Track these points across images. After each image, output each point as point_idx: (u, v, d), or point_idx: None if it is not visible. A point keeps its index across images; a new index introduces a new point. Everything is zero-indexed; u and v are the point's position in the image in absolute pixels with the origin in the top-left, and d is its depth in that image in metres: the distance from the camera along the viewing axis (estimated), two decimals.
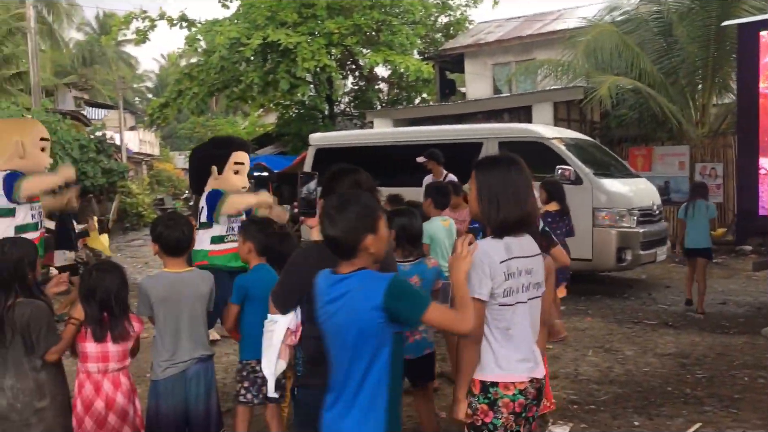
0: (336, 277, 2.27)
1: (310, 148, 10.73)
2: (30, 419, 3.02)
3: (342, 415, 2.24)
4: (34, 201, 5.37)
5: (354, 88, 22.61)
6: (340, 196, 2.32)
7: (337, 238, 2.23)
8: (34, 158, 5.34)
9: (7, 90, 23.75)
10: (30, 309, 3.04)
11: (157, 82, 49.23)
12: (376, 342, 2.19)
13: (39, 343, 3.02)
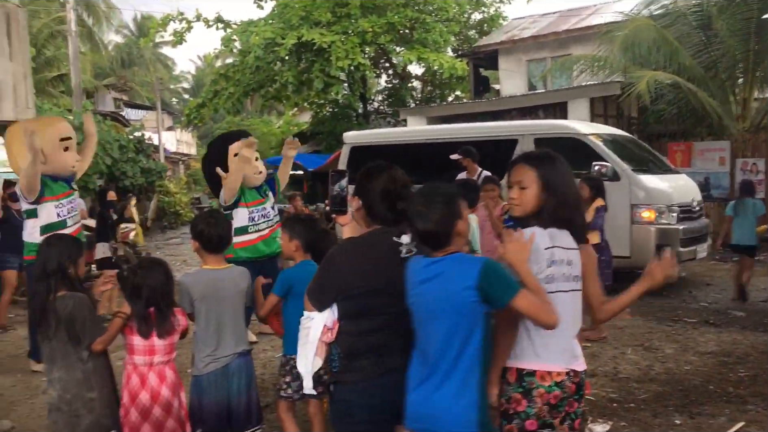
0: (429, 260, 2.35)
1: (345, 146, 10.78)
2: (80, 410, 3.09)
3: (435, 390, 2.29)
4: (61, 198, 5.43)
5: (387, 86, 22.64)
6: (424, 192, 2.38)
7: (432, 231, 2.32)
8: (56, 161, 5.36)
9: (49, 92, 24.31)
10: (72, 301, 3.13)
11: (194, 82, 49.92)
12: (470, 321, 2.28)
13: (84, 334, 3.11)
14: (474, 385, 2.30)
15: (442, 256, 2.34)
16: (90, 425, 3.11)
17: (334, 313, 2.56)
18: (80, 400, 3.11)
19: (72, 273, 3.23)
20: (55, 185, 5.46)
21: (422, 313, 2.35)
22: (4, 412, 4.91)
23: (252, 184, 5.88)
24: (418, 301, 2.36)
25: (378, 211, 2.56)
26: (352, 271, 2.50)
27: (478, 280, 2.24)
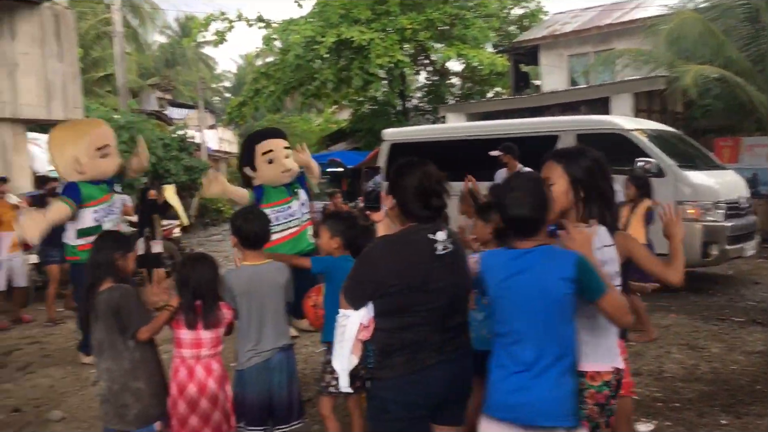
0: (516, 252, 2.37)
1: (384, 143, 10.79)
2: (127, 400, 3.17)
3: (532, 381, 2.30)
4: (99, 203, 5.52)
5: (427, 83, 22.59)
6: (518, 177, 2.41)
7: (528, 217, 2.34)
8: (93, 169, 5.40)
9: (96, 92, 24.89)
10: (119, 292, 3.22)
11: (235, 81, 50.49)
12: (566, 313, 2.31)
13: (130, 323, 3.18)
14: (570, 375, 2.33)
15: (531, 248, 2.35)
16: (137, 415, 3.18)
17: (369, 311, 2.56)
18: (128, 390, 3.18)
19: (121, 266, 3.32)
20: (94, 189, 5.53)
21: (512, 306, 2.36)
22: (56, 402, 5.07)
23: (279, 182, 5.82)
24: (506, 293, 2.37)
25: (412, 208, 2.56)
26: (388, 269, 2.51)
27: (575, 273, 2.27)
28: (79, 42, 19.48)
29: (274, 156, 5.62)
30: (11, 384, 5.58)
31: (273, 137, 5.86)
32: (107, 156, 5.47)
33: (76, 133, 5.58)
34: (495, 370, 2.39)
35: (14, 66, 10.19)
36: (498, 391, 2.36)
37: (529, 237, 2.38)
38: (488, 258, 2.47)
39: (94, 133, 5.58)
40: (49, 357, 6.40)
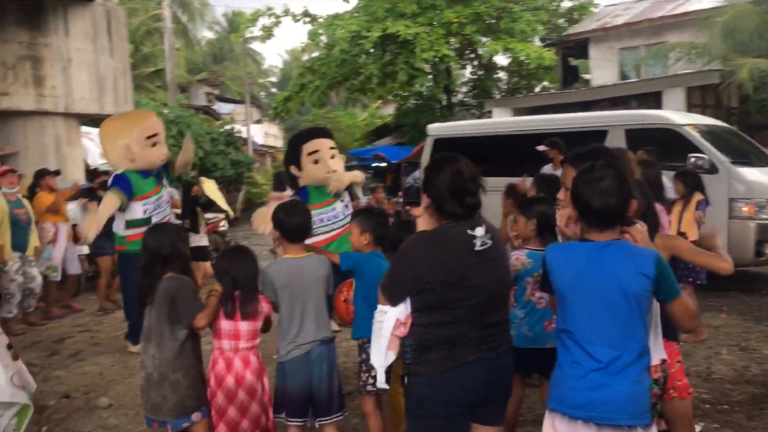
0: (594, 245, 2.32)
1: (428, 138, 10.73)
2: (165, 391, 3.21)
3: (612, 378, 2.25)
4: (148, 196, 5.62)
5: (473, 77, 22.40)
6: (605, 167, 2.34)
7: (613, 206, 2.28)
8: (144, 158, 5.53)
9: (146, 87, 25.43)
10: (177, 282, 3.28)
11: (281, 76, 51.00)
12: (644, 310, 2.27)
13: (185, 312, 3.23)
14: (647, 371, 2.30)
15: (607, 242, 2.30)
16: (174, 406, 3.21)
17: (407, 307, 2.54)
18: (166, 381, 3.22)
19: (184, 256, 3.41)
20: (143, 183, 5.63)
21: (588, 301, 2.30)
22: (103, 390, 5.19)
23: (324, 183, 5.76)
24: (582, 289, 2.31)
25: (446, 206, 2.52)
26: (425, 265, 2.47)
27: (655, 271, 2.23)
28: (130, 38, 19.92)
29: (320, 156, 5.59)
30: (62, 371, 5.73)
31: (319, 137, 5.84)
32: (156, 145, 5.61)
33: (128, 123, 5.75)
34: (568, 367, 2.33)
35: (68, 62, 10.46)
36: (574, 388, 2.29)
37: (607, 229, 2.32)
38: (557, 252, 2.41)
39: (144, 122, 5.72)
40: (98, 345, 6.57)
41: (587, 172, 2.35)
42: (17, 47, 9.79)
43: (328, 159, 5.62)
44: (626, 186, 2.31)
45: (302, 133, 6.25)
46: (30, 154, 10.17)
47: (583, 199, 2.32)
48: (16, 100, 9.84)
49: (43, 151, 10.34)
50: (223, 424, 3.27)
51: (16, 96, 9.82)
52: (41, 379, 5.47)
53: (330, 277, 3.57)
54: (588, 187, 2.30)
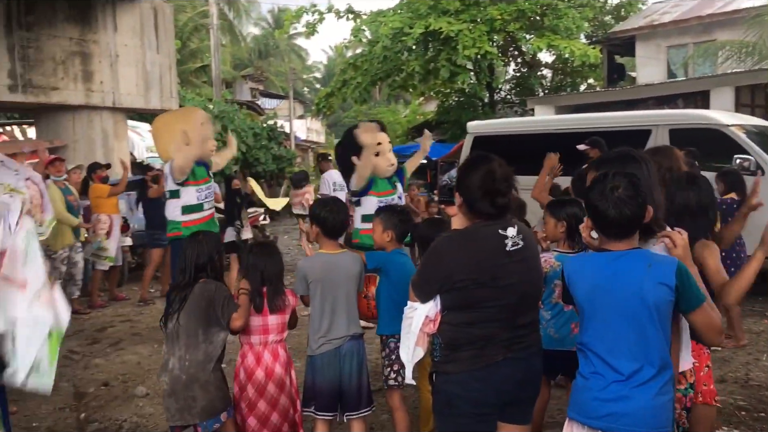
0: (610, 255, 2.28)
1: (468, 136, 10.67)
2: (195, 392, 3.18)
3: (634, 389, 2.22)
4: (202, 183, 5.82)
5: (516, 74, 22.18)
6: (613, 175, 2.28)
7: (630, 216, 2.23)
8: (198, 143, 5.84)
9: (193, 82, 25.88)
10: (214, 286, 3.29)
11: (325, 72, 51.32)
12: (665, 320, 2.22)
13: (223, 312, 3.24)
14: (670, 383, 2.25)
15: (626, 250, 2.26)
16: (204, 407, 3.19)
17: (437, 305, 2.55)
18: (197, 382, 3.19)
19: (219, 266, 3.40)
20: (198, 170, 5.87)
21: (607, 312, 2.26)
22: (141, 379, 5.32)
23: (383, 175, 5.87)
24: (600, 299, 2.28)
25: (478, 206, 2.52)
26: (455, 263, 2.48)
27: (675, 279, 2.17)
28: (178, 34, 20.30)
29: (381, 149, 5.71)
30: (102, 359, 5.90)
31: (381, 131, 5.96)
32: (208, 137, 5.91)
33: (184, 113, 6.33)
34: (589, 377, 2.30)
35: (115, 57, 10.72)
36: (595, 399, 2.26)
37: (624, 239, 2.27)
38: (575, 263, 2.38)
39: (199, 113, 6.12)
40: (138, 335, 6.73)
41: (600, 180, 2.29)
42: (67, 43, 10.07)
43: (388, 152, 5.73)
44: (641, 194, 2.23)
45: None
46: (78, 147, 10.48)
47: (597, 209, 2.26)
48: (66, 94, 10.13)
49: (91, 145, 10.63)
50: (254, 417, 3.32)
51: (65, 91, 10.11)
52: (82, 367, 5.65)
53: (362, 275, 3.61)
54: (601, 197, 2.25)
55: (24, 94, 9.63)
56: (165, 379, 3.26)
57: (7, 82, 9.39)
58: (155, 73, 11.42)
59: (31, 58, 9.64)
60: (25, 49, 9.54)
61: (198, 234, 3.54)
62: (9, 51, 9.37)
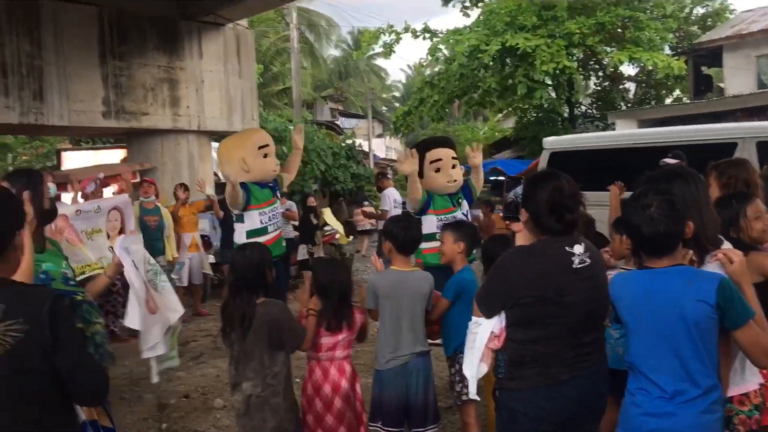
0: (649, 272, 2.28)
1: (544, 152, 10.52)
2: (265, 414, 3.23)
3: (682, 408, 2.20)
4: (265, 206, 5.90)
5: (597, 88, 21.74)
6: (653, 194, 2.28)
7: (665, 234, 2.22)
8: (257, 169, 5.81)
9: (275, 104, 26.67)
10: (276, 308, 3.29)
11: (404, 91, 51.76)
12: (711, 338, 2.19)
13: (289, 339, 3.26)
14: (719, 403, 2.22)
15: (665, 267, 2.24)
16: (273, 429, 3.23)
17: (501, 321, 2.56)
18: (267, 405, 3.22)
19: (268, 279, 3.37)
20: (260, 193, 5.91)
21: (648, 331, 2.25)
22: (219, 392, 5.51)
23: (445, 192, 5.78)
24: (640, 318, 2.27)
25: (545, 222, 2.52)
26: (521, 279, 2.48)
27: (716, 297, 2.13)
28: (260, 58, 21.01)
29: (442, 165, 5.64)
30: (184, 372, 6.13)
31: (442, 146, 5.92)
32: (268, 156, 5.92)
33: (242, 139, 6.19)
34: (636, 393, 2.28)
35: (200, 83, 11.20)
36: (641, 415, 2.25)
37: (663, 256, 2.24)
38: (619, 280, 2.37)
39: (255, 136, 6.11)
40: (218, 349, 6.95)
41: (636, 198, 2.29)
42: (156, 71, 10.62)
43: (449, 168, 5.66)
44: (676, 212, 2.20)
45: (425, 141, 6.30)
46: (166, 169, 10.98)
47: (632, 226, 2.27)
48: (155, 119, 10.66)
49: (178, 166, 11.12)
50: (321, 430, 3.39)
51: (154, 116, 10.64)
52: (165, 379, 5.87)
53: (431, 294, 3.64)
54: (635, 214, 2.25)
55: (117, 120, 10.19)
56: (238, 398, 3.29)
57: (102, 109, 9.98)
58: (238, 96, 11.86)
59: (123, 86, 10.21)
60: (117, 77, 10.13)
61: (246, 247, 3.53)
62: (103, 80, 9.96)
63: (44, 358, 1.87)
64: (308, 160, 16.89)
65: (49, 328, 1.87)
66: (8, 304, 1.84)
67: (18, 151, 24.23)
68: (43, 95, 9.28)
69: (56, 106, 9.42)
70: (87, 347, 2.06)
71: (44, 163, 20.09)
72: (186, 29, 10.97)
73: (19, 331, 1.81)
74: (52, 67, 9.34)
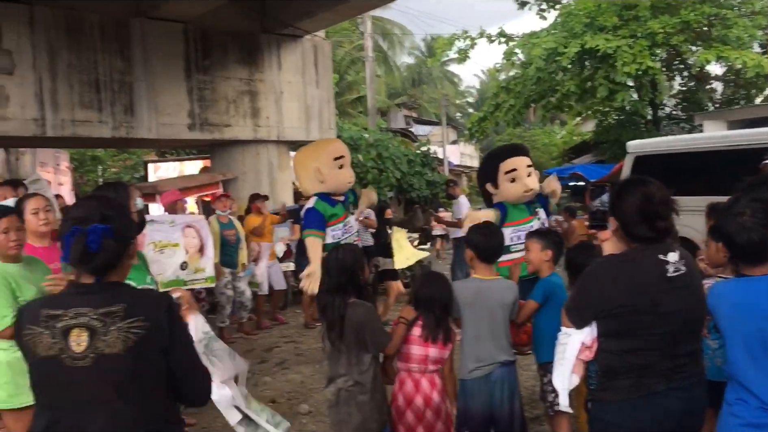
0: (746, 281, 2.21)
1: (628, 156, 10.22)
2: (351, 410, 3.32)
3: None
4: (336, 223, 5.89)
5: (682, 89, 20.96)
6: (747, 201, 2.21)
7: (759, 242, 2.15)
8: (332, 179, 5.75)
9: (349, 113, 27.01)
10: (363, 309, 3.36)
11: (478, 96, 51.44)
12: None
13: (373, 340, 3.32)
14: None
15: (762, 275, 2.16)
16: (357, 425, 3.30)
17: (592, 331, 2.49)
18: (353, 400, 3.31)
19: (360, 280, 3.46)
20: (331, 210, 5.86)
21: (745, 340, 2.16)
22: (304, 397, 5.59)
23: (520, 201, 5.62)
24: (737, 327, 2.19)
25: (636, 230, 2.44)
26: (614, 289, 2.41)
27: None
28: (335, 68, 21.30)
29: (517, 175, 5.50)
30: (270, 377, 6.25)
31: (517, 155, 5.78)
32: (343, 167, 5.87)
33: (317, 149, 6.17)
34: (734, 403, 2.20)
35: (279, 94, 11.46)
36: (738, 424, 2.17)
37: (759, 264, 2.15)
38: (717, 290, 2.29)
39: (331, 146, 6.06)
40: (301, 356, 7.07)
41: (730, 206, 2.21)
42: (238, 83, 10.93)
43: (525, 177, 5.52)
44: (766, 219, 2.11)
45: (499, 150, 6.17)
46: (247, 179, 11.27)
47: (725, 235, 2.20)
48: (237, 130, 10.97)
49: (258, 176, 11.40)
50: None
51: (236, 127, 10.95)
52: (252, 384, 6.01)
53: (516, 303, 3.59)
54: (728, 222, 2.19)
55: (201, 132, 10.54)
56: (331, 389, 3.43)
57: (187, 121, 10.34)
58: (315, 106, 12.06)
59: (206, 99, 10.56)
60: (201, 90, 10.48)
61: (338, 249, 3.60)
62: (188, 93, 10.33)
63: (162, 357, 1.95)
64: (383, 168, 17.02)
65: (168, 328, 1.95)
66: (128, 304, 1.92)
67: (107, 163, 25.39)
68: (133, 110, 9.70)
69: (145, 119, 9.83)
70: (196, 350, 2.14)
71: (132, 175, 21.00)
72: (266, 42, 11.25)
73: (141, 328, 1.89)
74: (142, 82, 9.75)
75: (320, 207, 5.68)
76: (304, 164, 5.95)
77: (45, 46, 8.87)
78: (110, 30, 9.46)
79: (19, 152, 17.42)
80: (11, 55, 8.60)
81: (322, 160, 5.77)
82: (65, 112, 9.05)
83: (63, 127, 9.04)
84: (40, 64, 8.82)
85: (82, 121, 9.23)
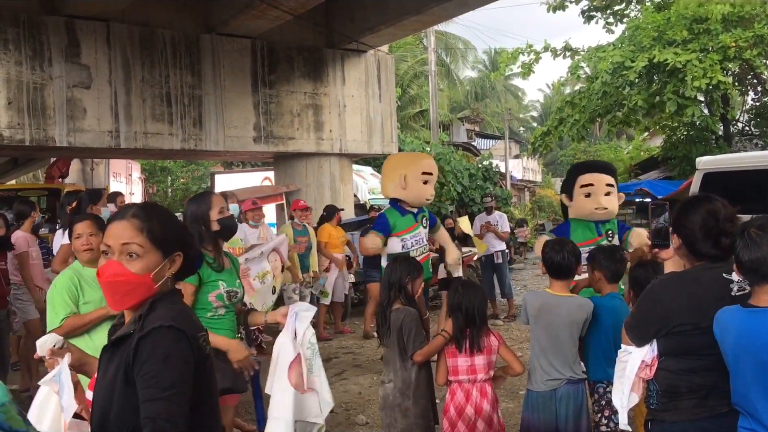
0: (752, 310, 2.15)
1: (697, 172, 9.92)
2: (396, 415, 3.44)
3: None
4: (405, 233, 5.99)
5: (755, 104, 20.24)
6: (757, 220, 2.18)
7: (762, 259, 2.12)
8: (414, 190, 5.98)
9: (412, 126, 27.11)
10: (404, 314, 3.52)
11: (542, 111, 50.87)
12: None
13: (408, 343, 3.47)
14: None
15: None
16: (402, 430, 3.42)
17: (653, 349, 2.45)
18: (398, 406, 3.45)
19: (409, 290, 3.65)
20: (401, 221, 6.04)
21: (752, 369, 2.10)
22: (362, 408, 5.63)
23: (592, 218, 5.42)
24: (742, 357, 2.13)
25: (700, 248, 2.40)
26: (676, 307, 2.37)
27: None
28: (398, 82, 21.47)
29: (592, 190, 5.38)
30: None
31: (597, 171, 5.69)
32: (427, 183, 6.08)
33: (410, 159, 6.67)
34: None
35: (342, 107, 11.64)
36: None
37: None
38: (722, 315, 2.21)
39: (423, 161, 6.32)
40: (359, 367, 7.13)
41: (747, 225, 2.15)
42: (302, 97, 11.16)
43: (601, 195, 5.38)
44: None
45: (581, 164, 6.09)
46: (310, 191, 11.48)
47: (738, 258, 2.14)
48: (300, 143, 11.19)
49: (320, 188, 11.59)
50: None
51: (300, 140, 11.18)
52: None
53: (588, 322, 3.55)
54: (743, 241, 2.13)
55: (266, 144, 10.81)
56: (381, 393, 3.58)
57: (253, 134, 10.62)
58: (377, 120, 12.18)
59: (272, 113, 10.82)
60: (267, 104, 10.75)
61: (393, 262, 3.83)
62: (255, 107, 10.62)
63: None
64: (445, 182, 17.00)
65: None
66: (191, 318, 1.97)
67: (177, 173, 26.22)
68: (202, 122, 10.04)
69: (213, 132, 10.15)
70: None
71: (199, 185, 21.61)
72: (330, 57, 11.46)
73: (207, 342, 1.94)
74: (211, 96, 10.09)
75: (389, 215, 6.02)
76: (394, 168, 6.20)
77: (120, 61, 9.29)
78: (181, 46, 9.83)
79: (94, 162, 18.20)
80: (89, 70, 9.05)
81: (411, 170, 6.02)
82: (138, 125, 9.44)
83: (135, 139, 9.43)
84: (115, 79, 9.24)
85: (154, 134, 9.61)
